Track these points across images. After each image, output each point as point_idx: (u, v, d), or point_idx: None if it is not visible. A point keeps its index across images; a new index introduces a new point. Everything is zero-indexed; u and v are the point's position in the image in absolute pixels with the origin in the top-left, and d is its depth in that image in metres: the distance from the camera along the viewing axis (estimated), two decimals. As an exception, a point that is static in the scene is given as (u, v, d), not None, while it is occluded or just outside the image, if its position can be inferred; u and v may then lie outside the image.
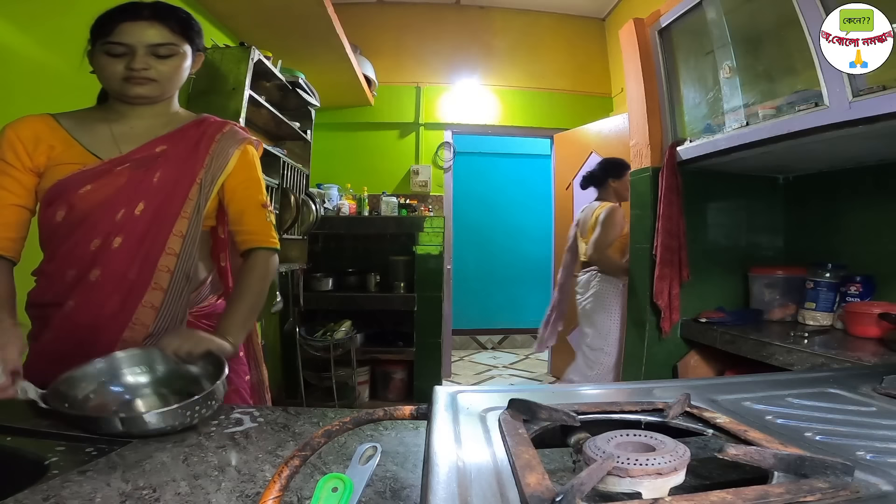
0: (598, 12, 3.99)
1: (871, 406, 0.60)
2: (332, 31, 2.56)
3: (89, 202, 0.88)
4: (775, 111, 1.57)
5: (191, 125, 0.99)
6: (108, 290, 0.90)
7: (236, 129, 1.03)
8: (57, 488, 0.53)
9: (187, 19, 0.94)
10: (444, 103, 3.95)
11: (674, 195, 1.97)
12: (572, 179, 3.73)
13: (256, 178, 1.06)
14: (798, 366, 1.46)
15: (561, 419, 0.50)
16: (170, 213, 0.93)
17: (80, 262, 0.90)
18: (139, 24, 0.88)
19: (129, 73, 0.88)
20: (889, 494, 0.38)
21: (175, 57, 0.92)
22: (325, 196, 3.44)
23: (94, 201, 0.89)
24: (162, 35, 0.89)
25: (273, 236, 1.08)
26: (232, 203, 1.02)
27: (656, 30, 2.08)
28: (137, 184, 0.91)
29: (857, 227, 1.85)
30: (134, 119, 0.95)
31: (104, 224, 0.89)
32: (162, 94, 0.94)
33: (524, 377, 4.14)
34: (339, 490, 0.41)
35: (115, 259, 0.90)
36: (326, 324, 3.24)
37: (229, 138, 1.00)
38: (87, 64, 0.92)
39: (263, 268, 1.05)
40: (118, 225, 0.90)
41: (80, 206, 0.88)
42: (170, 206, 0.93)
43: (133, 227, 0.90)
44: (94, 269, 0.89)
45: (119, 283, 0.91)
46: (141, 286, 0.92)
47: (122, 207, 0.90)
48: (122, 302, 0.91)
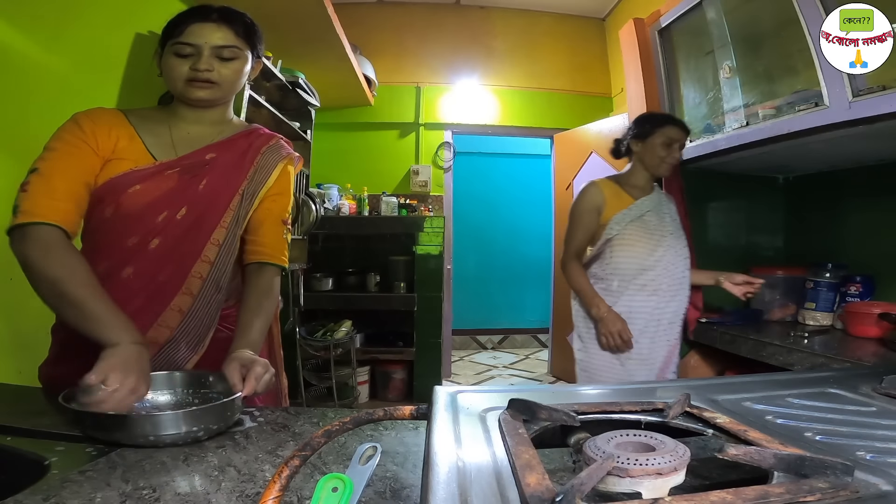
0: (598, 12, 3.99)
1: (871, 406, 0.60)
2: (332, 31, 2.56)
3: (136, 202, 0.89)
4: (775, 111, 1.57)
5: (240, 135, 1.01)
6: (136, 288, 0.90)
7: (281, 144, 1.05)
8: (57, 488, 0.53)
9: (252, 25, 0.97)
10: (444, 103, 3.95)
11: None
12: (572, 179, 3.73)
13: (288, 193, 1.06)
14: (798, 366, 1.46)
15: (561, 419, 0.50)
16: (210, 221, 0.94)
17: (115, 259, 0.90)
18: (207, 26, 0.90)
19: (194, 73, 0.90)
20: (889, 494, 0.38)
21: (237, 60, 0.94)
22: (325, 196, 3.44)
23: (142, 201, 0.89)
24: (227, 37, 0.92)
25: (285, 255, 1.07)
26: (256, 212, 1.02)
27: (656, 30, 2.08)
28: (184, 189, 0.92)
29: (857, 227, 1.85)
30: (192, 124, 0.97)
31: (145, 224, 0.90)
32: (222, 97, 0.97)
33: (524, 377, 4.14)
34: (339, 490, 0.41)
35: (149, 259, 0.90)
36: (326, 324, 3.24)
37: (274, 152, 1.02)
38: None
39: (276, 288, 1.05)
40: (158, 227, 0.90)
41: (126, 204, 0.89)
42: (211, 214, 0.94)
43: (173, 230, 0.91)
44: (126, 267, 0.90)
45: (147, 284, 0.91)
46: (171, 290, 0.92)
47: (166, 210, 0.91)
48: (148, 302, 0.91)
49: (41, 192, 0.82)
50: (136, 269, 0.90)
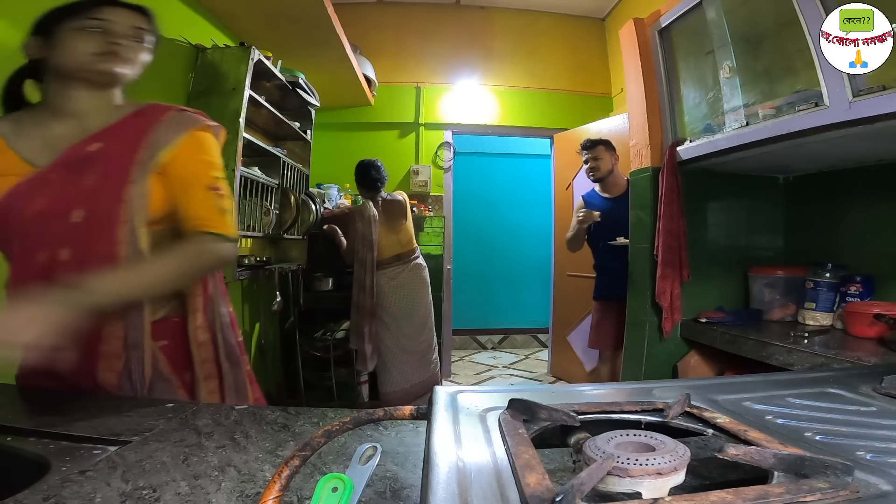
0: (598, 12, 4.00)
1: (871, 406, 0.60)
2: (332, 31, 2.56)
3: (28, 215, 0.81)
4: (775, 111, 1.57)
5: (130, 117, 0.89)
6: None
7: (186, 114, 0.93)
8: (57, 488, 0.53)
9: (153, 16, 0.92)
10: (444, 103, 3.95)
11: (674, 195, 1.97)
12: (572, 179, 3.73)
13: (207, 161, 0.92)
14: (798, 366, 1.46)
15: (561, 419, 0.50)
16: (109, 218, 0.83)
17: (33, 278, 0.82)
18: (120, 9, 0.86)
19: (109, 46, 0.84)
20: (889, 494, 0.38)
21: (149, 46, 0.90)
22: (325, 196, 3.44)
23: (33, 213, 0.81)
24: (143, 21, 0.89)
25: (224, 223, 0.92)
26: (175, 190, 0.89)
27: (656, 30, 2.08)
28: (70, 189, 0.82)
29: (857, 227, 1.85)
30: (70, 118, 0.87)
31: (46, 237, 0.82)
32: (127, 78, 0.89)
33: (524, 377, 4.14)
34: (339, 490, 0.41)
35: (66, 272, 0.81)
36: (326, 324, 3.24)
37: (171, 124, 0.90)
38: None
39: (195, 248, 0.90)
40: (61, 236, 0.82)
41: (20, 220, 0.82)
42: (107, 210, 0.83)
43: (77, 236, 0.82)
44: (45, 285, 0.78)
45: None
46: None
47: (60, 217, 0.82)
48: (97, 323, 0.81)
49: None
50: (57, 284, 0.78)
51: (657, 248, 2.00)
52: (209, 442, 0.67)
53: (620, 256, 2.56)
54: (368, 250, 2.88)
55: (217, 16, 2.35)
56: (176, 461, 0.61)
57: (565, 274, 3.83)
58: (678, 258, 1.99)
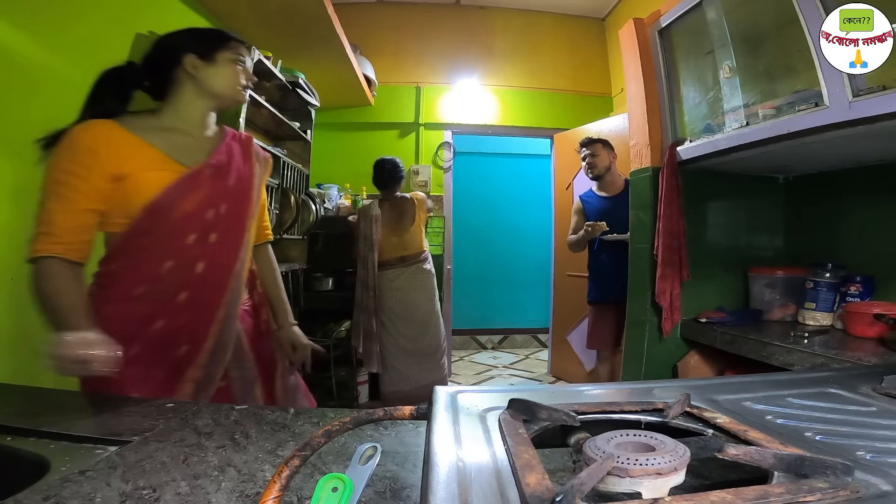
0: (598, 12, 3.99)
1: (871, 406, 0.60)
2: (332, 31, 2.56)
3: (188, 205, 0.99)
4: (775, 111, 1.57)
5: (230, 139, 1.12)
6: (215, 279, 1.03)
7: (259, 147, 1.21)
8: (57, 488, 0.53)
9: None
10: (444, 103, 3.95)
11: (674, 195, 1.97)
12: (572, 179, 3.73)
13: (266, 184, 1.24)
14: (798, 366, 1.46)
15: (561, 419, 0.50)
16: (243, 213, 1.09)
17: (180, 256, 0.99)
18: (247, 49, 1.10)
19: (248, 82, 1.08)
20: (889, 494, 0.38)
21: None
22: (325, 196, 3.44)
23: (193, 203, 0.99)
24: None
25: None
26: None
27: (656, 30, 2.08)
28: (219, 187, 1.04)
29: (857, 227, 1.85)
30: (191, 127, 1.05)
31: (201, 222, 1.01)
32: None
33: (524, 377, 4.14)
34: (339, 490, 0.41)
35: (212, 251, 1.02)
36: (326, 324, 3.24)
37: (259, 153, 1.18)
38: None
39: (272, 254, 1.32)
40: (211, 223, 1.02)
41: (181, 207, 0.98)
42: (242, 206, 1.09)
43: (221, 224, 1.03)
44: (198, 263, 1.00)
45: (224, 271, 1.05)
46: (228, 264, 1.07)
47: (214, 208, 1.02)
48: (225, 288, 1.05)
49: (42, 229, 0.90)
50: (206, 262, 1.01)
51: (657, 248, 2.00)
52: (209, 442, 0.67)
53: (614, 253, 2.56)
54: (370, 250, 2.88)
55: (217, 16, 2.35)
56: (176, 461, 0.61)
57: (565, 274, 3.83)
58: (678, 258, 1.99)
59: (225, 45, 1.05)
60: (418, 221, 2.96)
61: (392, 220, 2.92)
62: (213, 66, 1.03)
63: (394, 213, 2.93)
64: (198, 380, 1.01)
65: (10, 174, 1.30)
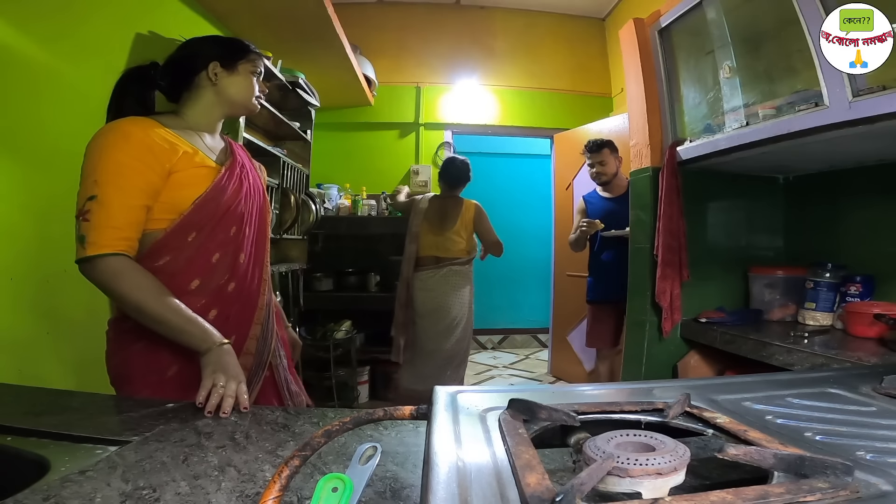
0: (598, 12, 4.00)
1: (871, 406, 0.60)
2: (332, 31, 2.56)
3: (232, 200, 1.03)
4: (775, 111, 1.57)
5: (236, 145, 1.16)
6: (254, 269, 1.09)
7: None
8: (57, 488, 0.53)
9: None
10: (444, 103, 3.95)
11: (674, 195, 1.97)
12: (572, 179, 3.73)
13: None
14: (798, 366, 1.46)
15: (561, 419, 0.50)
16: (266, 209, 1.15)
17: (226, 247, 1.02)
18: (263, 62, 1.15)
19: (261, 93, 1.14)
20: (889, 494, 0.38)
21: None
22: (325, 196, 3.44)
23: (238, 199, 1.05)
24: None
25: None
26: None
27: (656, 30, 2.08)
28: (250, 184, 1.10)
29: (857, 227, 1.85)
30: (208, 131, 1.10)
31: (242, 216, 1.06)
32: None
33: (524, 377, 4.14)
34: (339, 490, 0.41)
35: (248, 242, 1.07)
36: (326, 324, 3.24)
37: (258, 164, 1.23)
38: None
39: None
40: (249, 216, 1.08)
41: (227, 202, 1.02)
42: (265, 203, 1.15)
43: (255, 218, 1.10)
44: (240, 254, 1.05)
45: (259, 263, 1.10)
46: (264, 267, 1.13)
47: (250, 203, 1.08)
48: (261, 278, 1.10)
49: (102, 224, 0.88)
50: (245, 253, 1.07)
51: (657, 248, 2.00)
52: (209, 442, 0.67)
53: (614, 253, 2.56)
54: (410, 241, 2.87)
55: (217, 15, 2.35)
56: (176, 461, 0.61)
57: (565, 274, 3.83)
58: (678, 258, 1.99)
59: (247, 57, 1.09)
60: (462, 226, 2.86)
61: (435, 217, 2.86)
62: (234, 75, 1.08)
63: (439, 211, 2.87)
64: (249, 367, 1.02)
65: (10, 174, 1.30)
